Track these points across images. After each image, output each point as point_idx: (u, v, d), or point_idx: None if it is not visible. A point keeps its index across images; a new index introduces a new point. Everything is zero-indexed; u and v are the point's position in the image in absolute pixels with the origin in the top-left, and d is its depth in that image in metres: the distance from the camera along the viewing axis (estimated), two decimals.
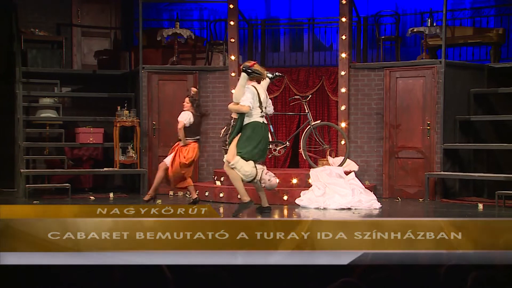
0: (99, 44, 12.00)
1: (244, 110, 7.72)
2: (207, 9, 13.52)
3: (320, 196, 8.87)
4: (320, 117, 10.85)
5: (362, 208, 8.71)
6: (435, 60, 10.12)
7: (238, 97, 7.73)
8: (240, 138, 7.80)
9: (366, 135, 10.50)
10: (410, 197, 10.05)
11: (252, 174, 7.83)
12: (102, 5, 12.07)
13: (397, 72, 10.33)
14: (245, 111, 7.72)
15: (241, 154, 7.76)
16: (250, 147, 7.77)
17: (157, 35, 11.05)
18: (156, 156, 10.75)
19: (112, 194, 10.30)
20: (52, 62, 11.26)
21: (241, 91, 7.72)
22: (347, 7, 10.34)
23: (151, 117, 10.76)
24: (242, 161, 7.76)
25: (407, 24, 12.29)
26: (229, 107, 8.00)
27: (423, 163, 10.08)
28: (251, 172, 7.81)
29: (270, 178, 7.97)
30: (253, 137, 7.78)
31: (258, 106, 7.80)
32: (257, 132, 7.79)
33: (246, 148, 7.76)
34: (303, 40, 12.92)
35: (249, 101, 7.68)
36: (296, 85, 11.20)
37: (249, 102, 7.68)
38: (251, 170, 7.81)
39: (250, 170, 7.80)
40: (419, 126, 10.12)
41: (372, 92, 10.46)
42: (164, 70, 10.93)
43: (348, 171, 9.56)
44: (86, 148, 11.25)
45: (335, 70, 10.68)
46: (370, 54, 11.75)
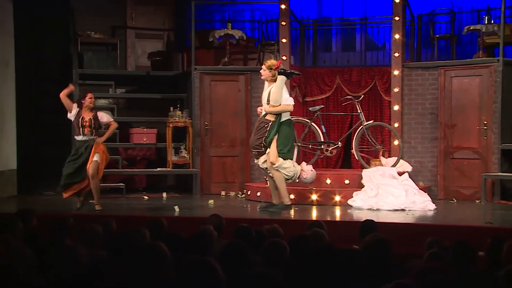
0: (152, 45, 12.15)
1: (289, 109, 7.87)
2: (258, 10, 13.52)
3: (373, 196, 8.77)
4: (372, 117, 10.73)
5: (416, 209, 8.57)
6: (492, 59, 9.87)
7: (278, 99, 7.81)
8: (279, 137, 7.86)
9: (420, 135, 10.33)
10: (466, 199, 9.82)
11: (296, 172, 7.92)
12: (156, 7, 12.22)
13: (452, 71, 10.13)
14: (291, 110, 7.88)
15: (283, 153, 7.81)
16: (290, 144, 7.90)
17: (209, 36, 11.12)
18: (208, 156, 10.82)
19: (165, 194, 10.42)
20: (107, 64, 11.46)
21: (280, 93, 7.79)
22: (400, 6, 10.19)
23: (203, 117, 10.83)
24: (285, 161, 7.82)
25: (462, 22, 12.01)
26: (269, 110, 7.96)
27: (479, 163, 9.84)
28: (294, 170, 7.89)
29: (311, 168, 8.09)
30: (290, 134, 7.95)
31: None
32: (291, 128, 8.02)
33: (287, 146, 7.88)
34: (355, 39, 12.78)
35: (291, 99, 7.79)
36: (349, 85, 11.11)
37: (291, 101, 7.79)
38: (294, 168, 7.88)
39: (293, 169, 7.88)
40: (475, 126, 9.89)
41: (426, 92, 10.29)
42: (216, 70, 10.99)
43: (401, 171, 9.42)
44: (140, 149, 11.41)
45: (388, 69, 10.54)
46: (424, 53, 11.54)
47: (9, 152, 10.32)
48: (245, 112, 10.83)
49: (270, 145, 7.90)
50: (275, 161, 7.85)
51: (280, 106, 7.84)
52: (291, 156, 8.08)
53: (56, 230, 4.75)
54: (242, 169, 10.79)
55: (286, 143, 7.92)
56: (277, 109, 7.88)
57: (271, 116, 7.94)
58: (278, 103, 7.82)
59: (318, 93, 11.30)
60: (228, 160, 10.87)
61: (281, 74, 7.77)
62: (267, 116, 8.00)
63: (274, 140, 7.89)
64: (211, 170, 10.81)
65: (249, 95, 10.83)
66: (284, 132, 7.92)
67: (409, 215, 8.23)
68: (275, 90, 7.84)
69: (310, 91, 11.33)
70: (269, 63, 8.03)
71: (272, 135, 7.89)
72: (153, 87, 11.51)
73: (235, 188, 10.71)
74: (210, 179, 10.79)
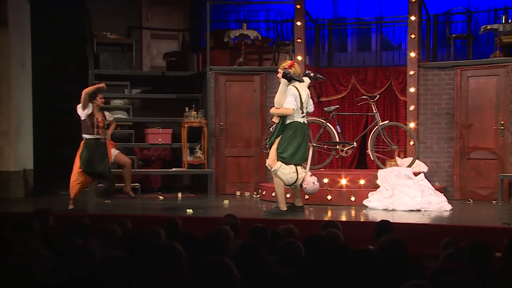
0: (167, 46, 12.19)
1: (288, 113, 7.74)
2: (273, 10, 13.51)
3: (388, 197, 8.73)
4: (388, 117, 10.69)
5: (432, 210, 8.52)
6: (509, 58, 9.79)
7: (280, 102, 7.77)
8: (281, 140, 7.77)
9: (435, 136, 10.27)
10: (483, 199, 9.75)
11: (293, 179, 7.80)
12: (171, 8, 12.26)
13: (469, 71, 10.06)
14: (289, 113, 7.74)
15: (282, 157, 7.73)
16: (291, 149, 7.75)
17: (224, 36, 11.13)
18: (224, 156, 10.83)
19: (180, 194, 10.44)
20: (123, 64, 11.51)
21: (283, 96, 7.74)
22: (416, 5, 10.14)
23: (218, 117, 10.84)
24: (284, 166, 7.74)
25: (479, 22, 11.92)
26: (271, 111, 7.98)
27: (496, 164, 9.77)
28: (292, 177, 7.79)
29: (314, 181, 7.92)
30: (294, 139, 7.77)
31: (299, 107, 7.78)
32: (298, 132, 7.80)
33: (287, 151, 7.75)
34: (370, 39, 12.73)
35: (292, 103, 7.69)
36: (364, 85, 11.07)
37: (293, 104, 7.69)
38: (293, 175, 7.79)
39: (291, 176, 7.78)
40: (492, 126, 9.82)
41: (442, 92, 10.23)
42: (231, 71, 11.00)
43: (417, 172, 9.38)
44: (155, 149, 11.45)
45: (404, 69, 10.49)
46: (440, 53, 11.47)
47: (26, 152, 10.40)
48: (260, 112, 10.83)
49: (271, 147, 7.85)
50: (272, 164, 7.80)
51: (281, 109, 7.80)
52: (296, 161, 7.90)
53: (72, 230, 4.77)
54: (257, 169, 10.79)
55: (288, 147, 7.78)
56: (277, 111, 7.84)
57: (276, 118, 7.92)
58: (279, 105, 7.79)
59: (333, 93, 11.27)
60: (243, 160, 10.87)
61: (283, 77, 7.76)
62: (273, 118, 8.00)
63: (276, 143, 7.83)
64: (226, 170, 10.82)
65: (264, 95, 10.82)
66: (287, 135, 7.80)
67: (425, 215, 8.18)
68: (278, 92, 7.84)
69: (325, 91, 11.31)
70: (283, 64, 8.01)
71: (274, 138, 7.82)
72: (168, 87, 11.55)
73: (250, 188, 10.71)
74: (225, 179, 10.81)
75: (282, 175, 7.79)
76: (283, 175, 7.79)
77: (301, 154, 7.86)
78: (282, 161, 7.78)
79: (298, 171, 7.85)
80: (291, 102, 7.71)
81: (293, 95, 7.74)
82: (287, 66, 7.87)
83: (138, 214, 8.31)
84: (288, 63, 7.99)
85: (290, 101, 7.72)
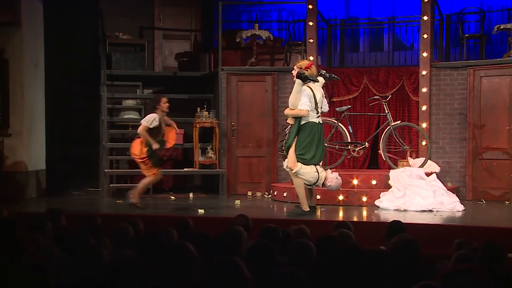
0: (179, 46, 12.21)
1: (302, 114, 7.69)
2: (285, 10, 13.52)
3: (400, 197, 8.70)
4: (400, 118, 10.66)
5: (444, 210, 8.49)
6: None
7: (295, 103, 7.72)
8: (298, 142, 7.73)
9: (448, 136, 10.23)
10: (495, 200, 9.70)
11: (316, 179, 7.78)
12: (183, 8, 12.28)
13: (482, 71, 10.01)
14: (303, 115, 7.70)
15: (303, 158, 7.70)
16: (310, 150, 7.72)
17: (236, 37, 11.14)
18: (235, 157, 10.84)
19: (191, 194, 10.46)
20: (135, 64, 11.55)
21: (297, 97, 7.70)
22: (429, 5, 10.11)
23: (230, 117, 10.85)
24: (305, 167, 7.72)
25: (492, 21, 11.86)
26: (286, 112, 7.94)
27: (509, 164, 9.71)
28: (314, 177, 7.76)
29: (337, 176, 7.91)
30: (311, 140, 7.73)
31: (314, 107, 7.75)
32: (314, 133, 7.75)
33: (306, 152, 7.72)
34: (383, 39, 12.70)
35: (306, 104, 7.66)
36: (376, 85, 11.04)
37: (307, 105, 7.66)
38: (314, 174, 7.76)
39: (313, 175, 7.75)
40: (505, 127, 9.76)
41: (454, 92, 10.19)
42: (243, 71, 11.01)
43: (429, 172, 9.34)
44: (167, 149, 11.45)
45: (416, 69, 10.46)
46: (452, 53, 11.42)
47: (38, 152, 10.46)
48: (272, 112, 10.82)
49: (289, 149, 7.80)
50: (292, 166, 7.76)
51: (295, 110, 7.76)
52: (316, 161, 7.87)
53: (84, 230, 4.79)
54: (269, 170, 10.79)
55: (308, 148, 7.75)
56: (292, 112, 7.80)
57: (291, 119, 7.89)
58: (294, 106, 7.75)
59: (345, 93, 11.25)
60: (254, 160, 10.88)
61: (298, 77, 7.71)
62: (288, 119, 7.95)
63: (293, 144, 7.80)
64: (238, 171, 10.83)
65: (276, 95, 10.82)
66: (304, 136, 7.78)
67: (437, 216, 8.15)
68: (292, 93, 7.80)
69: (337, 91, 11.29)
70: (300, 63, 7.95)
71: (291, 140, 7.77)
72: (180, 87, 11.57)
73: (262, 189, 10.72)
74: (236, 179, 10.81)
75: (304, 176, 7.77)
76: (305, 176, 7.76)
77: (320, 154, 7.86)
78: (302, 162, 7.76)
79: (318, 170, 7.84)
80: (306, 103, 7.67)
81: (307, 96, 7.71)
82: (303, 67, 7.82)
83: (149, 214, 8.33)
84: (306, 63, 7.91)
85: (305, 102, 7.68)
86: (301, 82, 7.71)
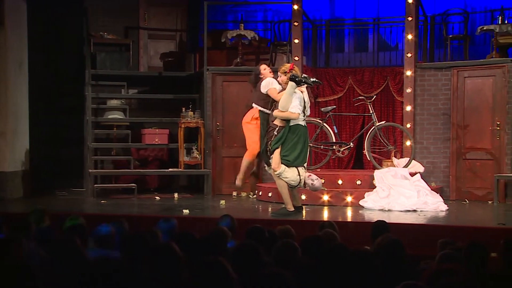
0: (165, 46, 12.19)
1: (294, 117, 7.68)
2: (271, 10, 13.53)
3: (384, 197, 8.74)
4: (384, 118, 10.71)
5: (428, 210, 8.54)
6: (506, 59, 9.82)
7: (286, 106, 7.67)
8: (285, 143, 7.73)
9: (432, 136, 10.29)
10: (479, 200, 9.78)
11: (297, 182, 7.79)
12: (169, 8, 12.25)
13: (466, 72, 10.09)
14: (295, 118, 7.69)
15: (287, 160, 7.70)
16: (295, 152, 7.72)
17: (222, 37, 11.13)
18: (220, 157, 10.83)
19: (176, 194, 10.44)
20: (120, 64, 11.51)
21: (289, 100, 7.66)
22: (413, 6, 10.16)
23: (215, 118, 10.84)
24: (288, 169, 7.72)
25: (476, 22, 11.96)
26: (275, 114, 7.87)
27: (492, 164, 9.80)
28: (296, 180, 7.77)
29: (313, 181, 7.89)
30: (297, 141, 7.73)
31: (302, 110, 7.77)
32: (300, 135, 7.75)
33: (291, 154, 7.71)
34: (368, 40, 12.76)
35: (298, 107, 7.66)
36: (361, 86, 11.09)
37: (298, 108, 7.66)
38: (296, 177, 7.77)
39: (295, 178, 7.76)
40: (488, 127, 9.85)
41: (438, 92, 10.25)
42: (228, 71, 11.00)
43: (413, 172, 9.40)
44: (152, 149, 11.44)
45: (401, 70, 10.52)
46: (436, 54, 11.50)
47: (23, 152, 10.38)
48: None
49: (274, 151, 7.79)
50: (276, 168, 7.76)
51: (286, 113, 7.74)
52: (299, 163, 7.84)
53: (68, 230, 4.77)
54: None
55: (292, 149, 7.75)
56: (282, 115, 7.78)
57: (279, 121, 7.85)
58: (285, 109, 7.72)
59: (330, 94, 11.29)
60: (239, 160, 10.80)
61: (291, 80, 7.69)
62: (275, 121, 7.90)
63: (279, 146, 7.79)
64: (223, 171, 10.82)
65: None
66: (290, 139, 7.76)
67: (421, 216, 8.20)
68: (284, 95, 7.75)
69: (322, 91, 11.32)
70: (283, 68, 7.88)
71: (279, 143, 7.74)
72: (165, 87, 11.54)
73: (247, 189, 10.70)
74: (221, 179, 10.81)
75: (287, 178, 7.77)
76: (288, 178, 7.77)
77: (303, 155, 7.86)
78: (285, 164, 7.75)
79: (300, 172, 7.84)
80: (297, 106, 7.66)
81: (299, 98, 7.70)
82: (287, 69, 7.80)
83: (134, 214, 8.31)
84: (288, 66, 7.90)
85: (296, 105, 7.66)
86: (294, 84, 7.69)
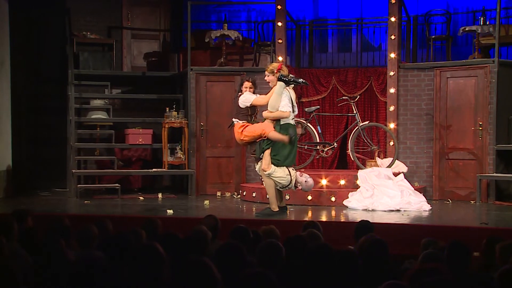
0: (148, 46, 12.15)
1: (285, 116, 7.69)
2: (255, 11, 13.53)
3: (368, 197, 8.78)
4: (368, 118, 10.75)
5: (411, 210, 8.58)
6: (487, 60, 9.90)
7: (275, 105, 7.68)
8: (275, 143, 7.73)
9: (415, 136, 10.35)
10: (461, 199, 9.85)
11: (288, 181, 7.79)
12: (152, 8, 12.21)
13: (448, 72, 10.15)
14: (286, 116, 7.69)
15: (277, 159, 7.70)
16: (285, 151, 7.72)
17: (205, 37, 11.12)
18: (204, 157, 10.82)
19: (160, 194, 10.41)
20: (103, 64, 11.46)
21: (278, 99, 7.67)
22: (396, 7, 10.21)
23: (199, 118, 10.82)
24: (278, 169, 7.73)
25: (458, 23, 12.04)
26: (265, 115, 7.87)
27: (475, 164, 9.87)
28: (287, 180, 7.77)
29: (306, 179, 7.91)
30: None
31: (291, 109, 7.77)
32: (290, 134, 7.73)
33: (281, 153, 7.71)
34: (351, 40, 12.79)
35: (288, 106, 7.66)
36: (344, 86, 11.12)
37: (288, 107, 7.66)
38: (287, 177, 7.77)
39: (286, 178, 7.76)
40: (470, 127, 9.92)
41: (421, 93, 10.31)
42: (212, 71, 10.99)
43: (397, 172, 9.44)
44: (136, 149, 11.40)
45: (384, 70, 10.56)
46: (420, 54, 11.56)
47: (5, 152, 10.30)
48: None
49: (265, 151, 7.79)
50: (267, 168, 7.76)
51: (276, 112, 7.74)
52: (289, 163, 7.84)
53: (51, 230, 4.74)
54: (238, 170, 10.79)
55: (282, 149, 7.76)
56: (273, 115, 7.77)
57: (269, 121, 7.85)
58: (275, 109, 7.72)
59: (314, 94, 11.30)
60: (223, 160, 10.87)
61: (280, 80, 7.69)
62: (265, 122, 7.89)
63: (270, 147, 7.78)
64: (207, 171, 10.81)
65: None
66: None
67: (404, 215, 8.24)
68: (273, 95, 7.74)
69: (306, 91, 11.33)
70: (270, 68, 7.87)
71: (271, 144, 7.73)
72: (149, 87, 11.51)
73: (231, 189, 10.71)
74: (205, 179, 10.79)
75: (277, 178, 7.76)
76: (278, 178, 7.76)
77: (293, 155, 7.87)
78: (275, 164, 7.74)
79: (291, 172, 7.85)
80: (287, 105, 7.67)
81: (288, 98, 7.72)
82: (275, 69, 7.80)
83: (118, 214, 8.26)
84: (276, 66, 7.89)
85: (286, 104, 7.67)
86: (283, 84, 7.69)
